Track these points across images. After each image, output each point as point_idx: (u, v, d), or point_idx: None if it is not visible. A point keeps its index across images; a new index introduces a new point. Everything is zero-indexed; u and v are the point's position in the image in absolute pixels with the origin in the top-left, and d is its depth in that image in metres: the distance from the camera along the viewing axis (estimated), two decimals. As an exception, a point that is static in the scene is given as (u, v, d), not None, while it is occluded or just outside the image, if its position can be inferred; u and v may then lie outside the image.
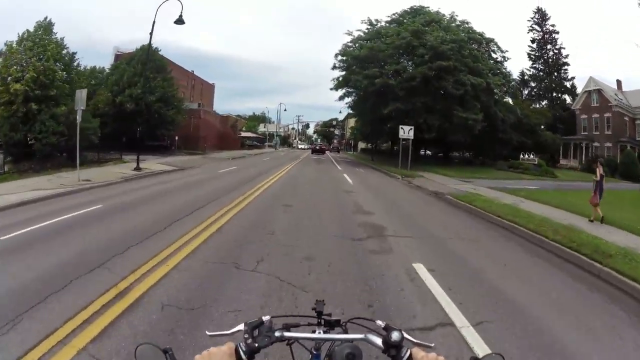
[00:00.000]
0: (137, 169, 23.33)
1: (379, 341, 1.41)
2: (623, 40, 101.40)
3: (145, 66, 47.21)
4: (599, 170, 13.24)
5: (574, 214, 13.61)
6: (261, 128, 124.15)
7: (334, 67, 41.55)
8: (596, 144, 52.37)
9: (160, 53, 51.22)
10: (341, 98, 43.96)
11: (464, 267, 7.23)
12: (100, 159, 30.78)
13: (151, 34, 25.56)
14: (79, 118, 18.79)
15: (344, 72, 41.14)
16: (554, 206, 15.35)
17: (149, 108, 44.02)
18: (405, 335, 1.39)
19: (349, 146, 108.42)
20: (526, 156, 45.79)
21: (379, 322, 1.56)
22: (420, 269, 6.75)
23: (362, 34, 41.31)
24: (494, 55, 43.85)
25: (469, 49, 37.31)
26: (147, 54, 30.49)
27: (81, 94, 18.99)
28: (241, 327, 1.44)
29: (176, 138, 46.87)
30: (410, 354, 1.33)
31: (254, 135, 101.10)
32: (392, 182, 24.63)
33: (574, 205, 14.90)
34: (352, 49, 40.51)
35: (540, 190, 22.57)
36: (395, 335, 1.34)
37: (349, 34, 41.35)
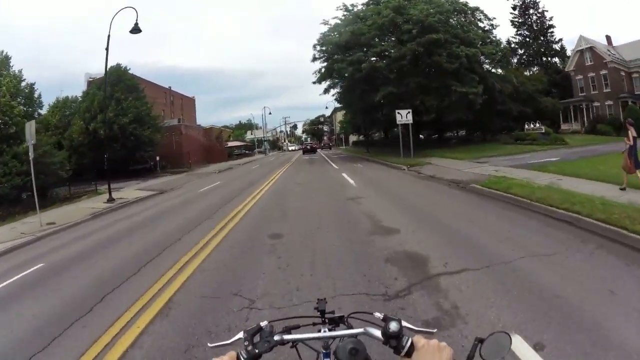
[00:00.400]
0: (110, 200, 20.86)
1: (378, 333, 1.40)
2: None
3: (114, 88, 45.14)
4: (631, 132, 11.35)
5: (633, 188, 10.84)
6: (249, 135, 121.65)
7: (314, 59, 38.35)
8: (596, 103, 49.99)
9: (131, 72, 48.53)
10: (326, 91, 41.14)
11: (590, 337, 3.79)
12: (72, 194, 28.25)
13: (107, 48, 22.50)
14: (31, 154, 16.14)
15: (325, 63, 38.05)
16: (598, 180, 12.79)
17: (123, 131, 41.46)
18: (405, 324, 1.38)
19: (340, 141, 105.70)
20: (531, 125, 42.92)
21: (377, 314, 1.52)
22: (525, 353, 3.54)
23: (339, 21, 38.12)
24: (480, 25, 40.69)
25: (456, 20, 34.47)
26: (105, 77, 26.88)
27: (30, 127, 16.18)
28: (240, 335, 1.43)
29: (157, 158, 43.87)
30: (412, 343, 1.31)
31: (241, 143, 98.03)
32: (399, 175, 21.32)
33: (615, 176, 12.10)
34: (330, 37, 37.50)
35: (565, 161, 20.32)
36: (393, 326, 1.33)
37: (325, 23, 38.22)
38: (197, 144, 60.18)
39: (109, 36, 22.21)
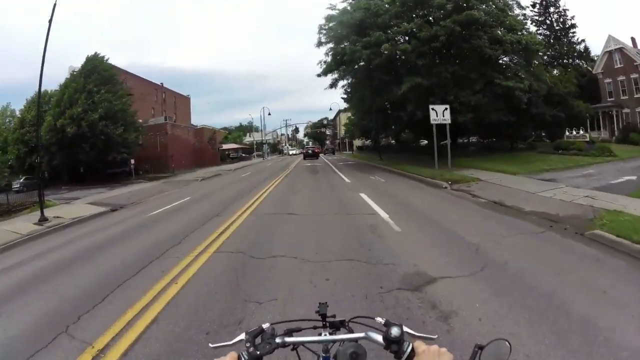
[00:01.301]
0: (42, 220, 15.51)
1: (379, 338, 1.41)
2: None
3: (87, 79, 39.18)
4: None
5: None
6: (248, 138, 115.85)
7: (320, 44, 31.35)
8: (626, 110, 44.85)
9: (109, 62, 42.28)
10: (333, 84, 34.39)
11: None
12: (11, 207, 22.11)
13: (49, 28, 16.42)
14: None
15: (332, 49, 31.30)
16: None
17: (92, 129, 35.49)
18: (406, 329, 1.39)
19: (343, 146, 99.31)
20: (572, 132, 36.76)
21: (379, 319, 1.53)
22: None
23: (348, 6, 30.51)
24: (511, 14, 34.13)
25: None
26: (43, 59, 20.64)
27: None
28: (242, 336, 1.43)
29: (132, 161, 37.54)
30: (412, 348, 1.32)
31: (238, 146, 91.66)
32: (448, 199, 14.02)
33: None
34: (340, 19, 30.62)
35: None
36: (394, 331, 1.34)
37: (332, 8, 31.21)
38: (185, 145, 54.24)
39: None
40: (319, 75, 33.51)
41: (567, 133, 37.02)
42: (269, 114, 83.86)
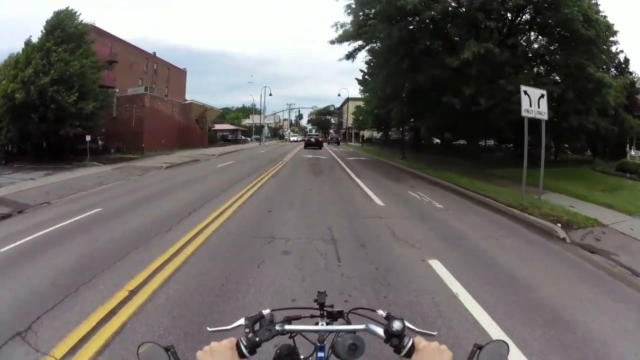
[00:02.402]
0: None
1: (380, 331, 1.40)
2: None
3: (48, 36, 31.94)
4: None
5: None
6: (248, 120, 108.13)
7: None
8: None
9: (82, 19, 34.28)
10: (351, 55, 26.91)
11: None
12: None
13: None
14: None
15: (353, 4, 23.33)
16: None
17: (42, 96, 28.12)
18: (407, 324, 1.38)
19: (349, 136, 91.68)
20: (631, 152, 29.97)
21: (380, 312, 1.52)
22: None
23: None
24: None
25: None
26: None
27: None
28: (242, 321, 1.42)
29: (88, 138, 29.80)
30: (413, 343, 1.32)
31: (233, 127, 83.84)
32: (587, 274, 6.55)
33: None
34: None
35: None
36: (396, 325, 1.34)
37: None
38: (167, 122, 46.08)
39: None
40: (332, 43, 26.17)
41: (632, 152, 29.52)
42: (270, 95, 76.83)
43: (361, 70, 46.12)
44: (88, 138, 28.73)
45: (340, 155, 35.22)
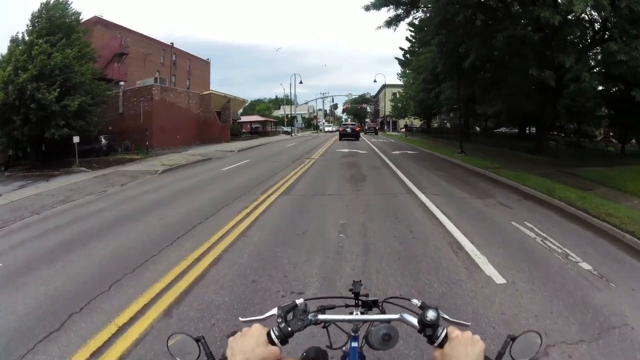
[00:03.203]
0: None
1: (414, 321, 1.36)
2: None
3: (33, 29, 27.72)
4: None
5: None
6: (279, 112, 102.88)
7: None
8: None
9: (74, 8, 29.16)
10: (392, 22, 21.15)
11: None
12: None
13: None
14: None
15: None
16: None
17: (21, 94, 23.72)
18: (442, 314, 1.34)
19: (387, 125, 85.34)
20: None
21: (415, 301, 1.50)
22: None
23: None
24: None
25: None
26: None
27: None
28: (274, 311, 1.40)
29: (76, 141, 24.94)
30: (446, 333, 1.27)
31: (262, 119, 78.43)
32: None
33: None
34: None
35: None
36: (430, 314, 1.29)
37: None
38: (181, 115, 41.41)
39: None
40: (367, 9, 21.00)
41: None
42: (300, 82, 71.18)
43: (402, 49, 40.18)
44: (76, 139, 23.96)
45: (383, 149, 28.96)
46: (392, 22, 21.32)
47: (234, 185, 13.40)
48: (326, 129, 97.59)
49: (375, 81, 78.23)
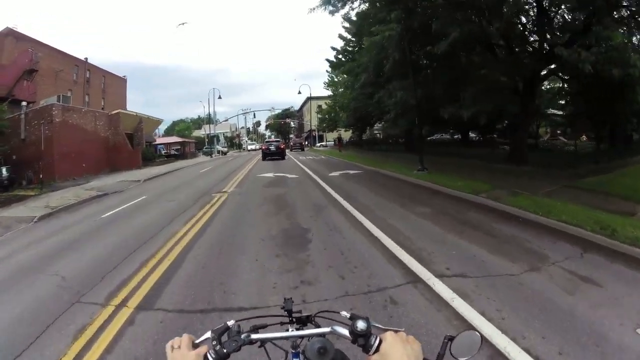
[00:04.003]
0: None
1: (345, 332, 1.38)
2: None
3: None
4: None
5: None
6: (200, 132, 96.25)
7: None
8: None
9: None
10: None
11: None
12: None
13: None
14: None
15: None
16: None
17: None
18: (373, 323, 1.35)
19: (312, 140, 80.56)
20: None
21: (344, 313, 1.50)
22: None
23: None
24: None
25: None
26: None
27: None
28: (208, 335, 1.39)
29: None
30: (380, 341, 1.27)
31: (180, 140, 71.54)
32: None
33: None
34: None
35: None
36: (360, 324, 1.32)
37: None
38: (88, 139, 34.76)
39: None
40: None
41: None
42: (220, 97, 64.24)
43: (334, 48, 35.42)
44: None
45: (317, 170, 23.29)
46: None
47: (84, 262, 7.45)
48: (249, 147, 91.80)
49: (299, 92, 73.22)
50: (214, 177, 22.56)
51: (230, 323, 1.42)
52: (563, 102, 30.04)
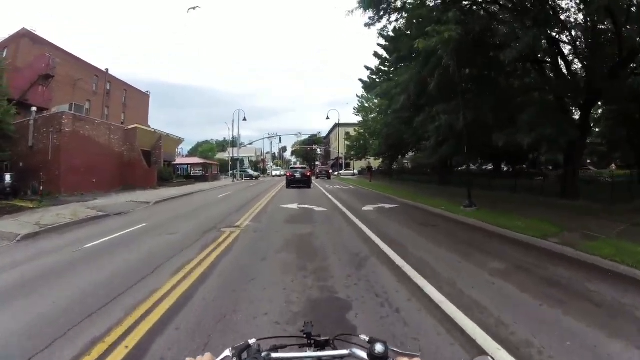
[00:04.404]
0: None
1: (364, 355, 1.38)
2: None
3: None
4: None
5: None
6: (223, 154, 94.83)
7: None
8: None
9: None
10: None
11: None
12: None
13: None
14: None
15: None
16: None
17: None
18: (391, 347, 1.34)
19: (339, 167, 78.10)
20: None
21: (363, 337, 1.48)
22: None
23: None
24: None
25: None
26: None
27: None
28: (228, 352, 1.38)
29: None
30: None
31: (201, 161, 69.73)
32: None
33: None
34: None
35: None
36: (378, 348, 1.32)
37: None
38: (100, 153, 33.44)
39: None
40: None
41: None
42: (244, 119, 61.90)
43: (367, 68, 32.98)
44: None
45: (347, 202, 20.52)
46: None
47: (22, 322, 4.91)
48: (274, 172, 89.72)
49: (328, 118, 71.18)
50: (231, 205, 19.97)
51: (252, 341, 1.42)
52: (597, 129, 30.73)
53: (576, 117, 19.55)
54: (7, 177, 24.62)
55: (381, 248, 9.03)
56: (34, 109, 30.32)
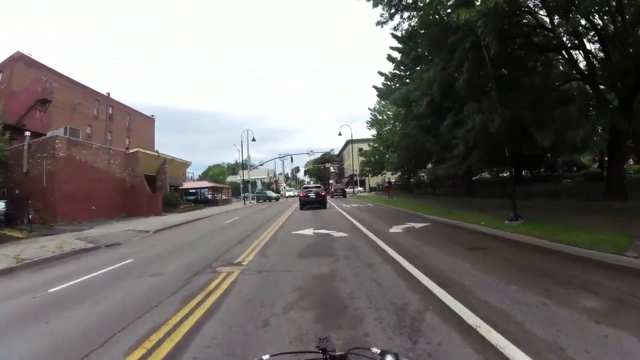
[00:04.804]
0: None
1: None
2: None
3: None
4: None
5: None
6: (234, 177, 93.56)
7: None
8: None
9: None
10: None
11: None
12: None
13: None
14: None
15: None
16: None
17: None
18: (402, 358, 1.38)
19: (354, 184, 75.78)
20: None
21: (374, 349, 1.53)
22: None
23: None
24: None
25: None
26: None
27: None
28: None
29: None
30: None
31: (210, 185, 67.87)
32: None
33: None
34: None
35: None
36: (389, 359, 1.36)
37: None
38: (99, 178, 31.89)
39: None
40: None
41: None
42: (253, 140, 59.75)
43: (381, 73, 30.64)
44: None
45: (369, 223, 17.97)
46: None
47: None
48: (287, 193, 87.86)
49: (340, 134, 69.79)
50: (236, 233, 17.45)
51: (265, 357, 1.49)
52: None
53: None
54: (1, 205, 23.81)
55: (435, 294, 6.26)
56: (27, 133, 29.44)
